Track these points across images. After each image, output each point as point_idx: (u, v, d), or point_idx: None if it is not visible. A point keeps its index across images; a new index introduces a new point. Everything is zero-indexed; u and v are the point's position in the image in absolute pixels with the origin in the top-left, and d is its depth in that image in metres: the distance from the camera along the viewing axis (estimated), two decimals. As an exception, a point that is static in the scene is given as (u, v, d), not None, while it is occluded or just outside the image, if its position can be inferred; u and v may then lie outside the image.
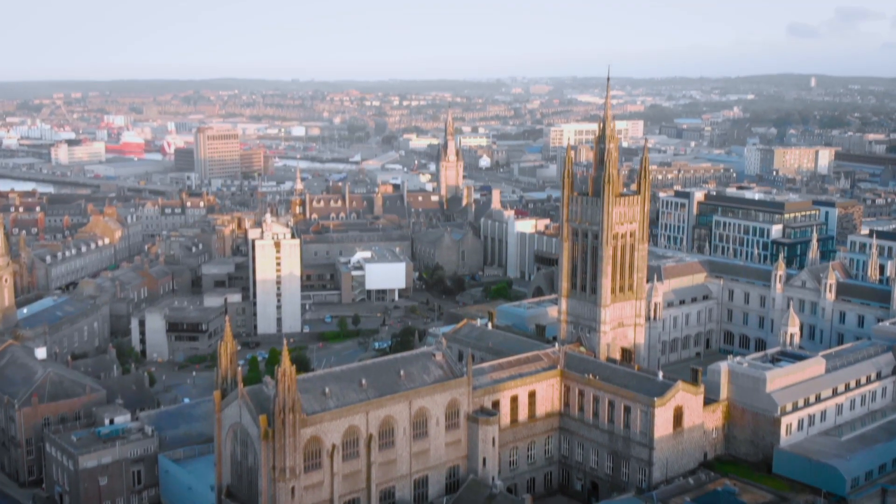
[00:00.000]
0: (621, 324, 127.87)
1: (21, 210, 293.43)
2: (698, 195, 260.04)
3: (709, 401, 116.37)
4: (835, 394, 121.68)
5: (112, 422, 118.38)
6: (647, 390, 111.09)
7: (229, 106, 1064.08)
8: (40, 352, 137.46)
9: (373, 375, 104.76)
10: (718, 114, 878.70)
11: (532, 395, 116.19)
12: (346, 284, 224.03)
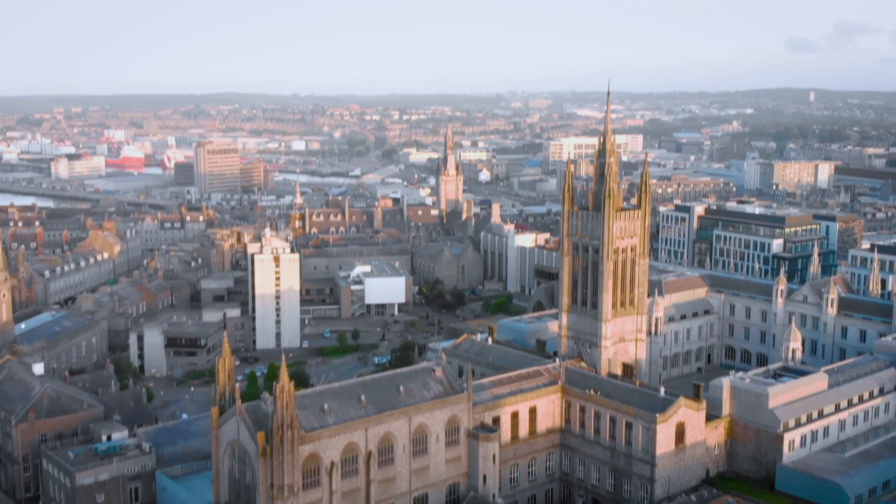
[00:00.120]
0: (622, 339, 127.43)
1: (20, 224, 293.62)
2: (699, 209, 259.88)
3: (711, 417, 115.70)
4: (837, 409, 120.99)
5: (109, 438, 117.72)
6: (649, 406, 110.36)
7: (229, 120, 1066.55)
8: (38, 367, 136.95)
9: (372, 391, 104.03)
10: (718, 128, 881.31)
11: (533, 411, 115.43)
12: (345, 299, 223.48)
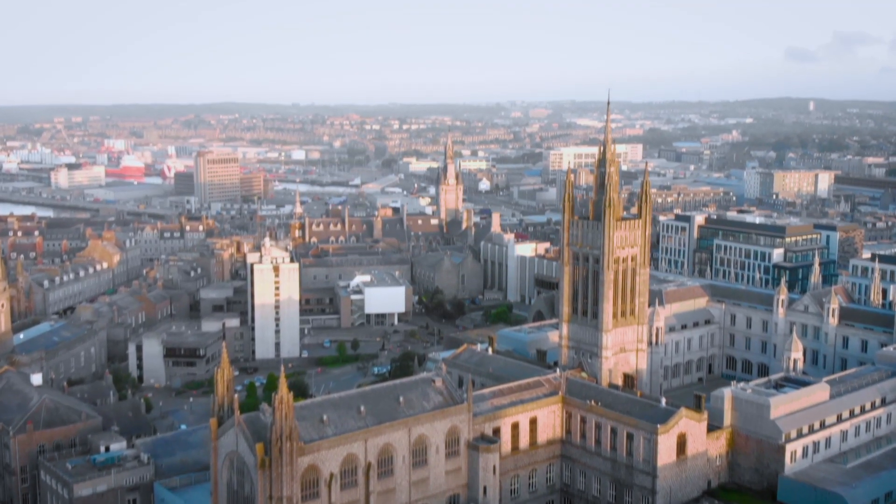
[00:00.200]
0: (623, 349, 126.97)
1: (19, 234, 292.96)
2: (699, 219, 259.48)
3: (712, 427, 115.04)
4: (839, 420, 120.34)
5: (108, 449, 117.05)
6: (650, 417, 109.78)
7: (229, 130, 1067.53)
8: (36, 378, 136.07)
9: (371, 402, 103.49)
10: (717, 137, 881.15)
11: (533, 422, 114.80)
12: (345, 309, 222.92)
